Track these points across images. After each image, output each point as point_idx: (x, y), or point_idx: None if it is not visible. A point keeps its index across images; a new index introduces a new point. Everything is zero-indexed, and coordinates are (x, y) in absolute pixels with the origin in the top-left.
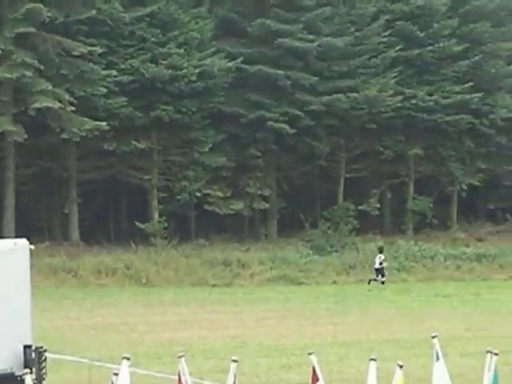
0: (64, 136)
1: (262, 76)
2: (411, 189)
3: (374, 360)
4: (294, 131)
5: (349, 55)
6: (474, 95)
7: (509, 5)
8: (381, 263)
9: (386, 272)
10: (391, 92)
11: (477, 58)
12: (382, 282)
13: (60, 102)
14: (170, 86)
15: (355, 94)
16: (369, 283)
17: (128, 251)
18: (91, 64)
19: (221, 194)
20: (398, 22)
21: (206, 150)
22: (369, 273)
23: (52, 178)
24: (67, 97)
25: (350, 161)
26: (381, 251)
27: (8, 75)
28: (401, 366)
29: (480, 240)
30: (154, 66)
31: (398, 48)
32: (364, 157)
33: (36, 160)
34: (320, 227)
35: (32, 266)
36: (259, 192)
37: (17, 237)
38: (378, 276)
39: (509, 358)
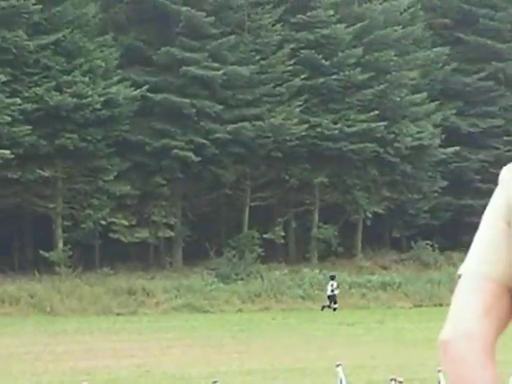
0: None
1: (167, 104)
2: (316, 217)
3: None
4: (199, 159)
5: (254, 83)
6: (378, 124)
7: (413, 34)
8: (333, 290)
9: (337, 299)
10: (296, 120)
11: (381, 86)
12: (334, 309)
13: None
14: (75, 114)
15: (260, 123)
16: (322, 309)
17: (32, 280)
18: None
19: (126, 223)
20: (303, 51)
21: (111, 178)
22: (274, 301)
23: None
24: None
25: (255, 189)
26: (332, 278)
27: None
28: None
29: (385, 268)
30: (58, 94)
31: (303, 76)
32: (269, 185)
33: None
34: (225, 255)
35: None
36: (164, 220)
37: None
38: (330, 303)
39: None
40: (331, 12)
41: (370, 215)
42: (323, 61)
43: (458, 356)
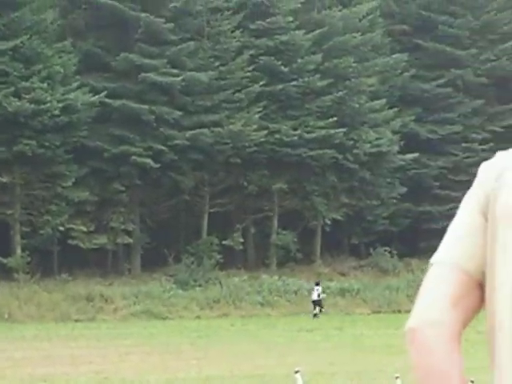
0: None
1: (125, 110)
2: (275, 223)
3: None
4: (158, 166)
5: (213, 90)
6: (337, 130)
7: (372, 40)
8: (319, 295)
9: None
10: (255, 127)
11: (340, 93)
12: (314, 315)
13: None
14: (33, 120)
15: (219, 129)
16: (314, 317)
17: None
18: None
19: (84, 229)
20: (262, 57)
21: (70, 184)
22: (232, 308)
23: None
24: None
25: (214, 195)
26: (317, 284)
27: None
28: None
29: (343, 274)
30: (16, 100)
31: (262, 83)
32: (228, 191)
33: None
34: (184, 262)
35: None
36: (123, 226)
37: None
38: (315, 308)
39: None
40: (290, 18)
41: (328, 222)
42: (282, 67)
43: (425, 344)
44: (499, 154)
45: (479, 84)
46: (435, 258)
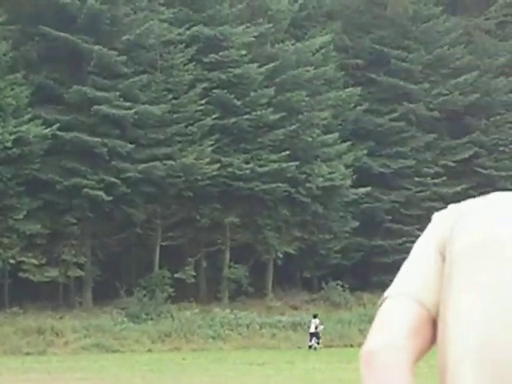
0: None
1: (78, 143)
2: (227, 256)
3: None
4: (110, 198)
5: (165, 123)
6: (290, 164)
7: (325, 74)
8: (316, 327)
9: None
10: (208, 160)
11: (293, 126)
12: (310, 346)
13: None
14: None
15: (172, 162)
16: (309, 348)
17: None
18: None
19: (35, 262)
20: (215, 90)
21: (21, 216)
22: (184, 341)
23: None
24: None
25: (166, 228)
26: (315, 316)
27: None
28: None
29: (295, 308)
30: None
31: (214, 116)
32: (180, 224)
33: None
34: (136, 295)
35: None
36: (74, 259)
37: None
38: (311, 340)
39: None
40: (243, 52)
41: (280, 255)
42: (235, 100)
43: (381, 366)
44: (451, 206)
45: (431, 118)
46: (391, 290)
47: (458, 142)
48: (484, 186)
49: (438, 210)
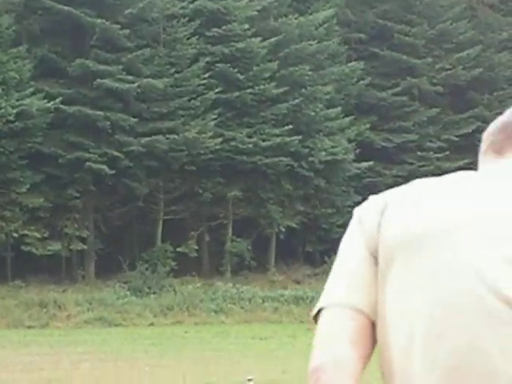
0: None
1: (80, 117)
2: (230, 231)
3: None
4: (112, 172)
5: (168, 97)
6: (293, 138)
7: (328, 49)
8: None
9: None
10: (211, 134)
11: (296, 101)
12: None
13: None
14: None
15: (174, 136)
16: None
17: None
18: None
19: (38, 235)
20: (218, 65)
21: (24, 190)
22: (186, 315)
23: None
24: None
25: (168, 202)
26: None
27: None
28: None
29: (298, 282)
30: None
31: (217, 90)
32: (183, 199)
33: None
34: (138, 269)
35: None
36: (77, 233)
37: None
38: None
39: None
40: (246, 26)
41: (283, 229)
42: (238, 75)
43: (330, 382)
44: (373, 198)
45: (434, 93)
46: (326, 300)
47: (461, 116)
48: None
49: None
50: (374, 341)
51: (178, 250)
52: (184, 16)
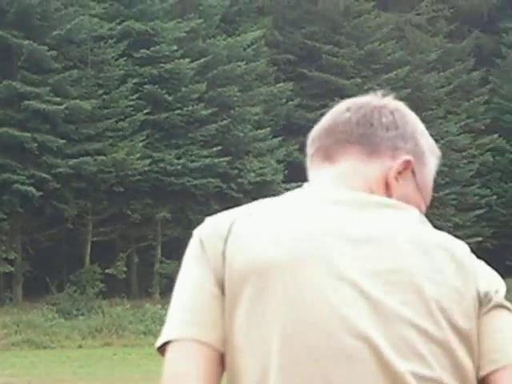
0: None
1: (8, 138)
2: (159, 252)
3: None
4: (40, 194)
5: (96, 118)
6: (221, 159)
7: (256, 69)
8: None
9: None
10: (139, 155)
11: (225, 121)
12: None
13: None
14: None
15: (102, 157)
16: None
17: None
18: None
19: None
20: (146, 86)
21: None
22: (115, 337)
23: None
24: None
25: (97, 224)
26: None
27: None
28: None
29: None
30: None
31: (146, 111)
32: (111, 220)
33: None
34: (66, 290)
35: None
36: (4, 255)
37: None
38: None
39: None
40: (175, 47)
41: None
42: (166, 96)
43: None
44: (210, 220)
45: None
46: (172, 334)
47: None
48: None
49: None
50: (223, 371)
51: (107, 271)
52: (112, 37)
